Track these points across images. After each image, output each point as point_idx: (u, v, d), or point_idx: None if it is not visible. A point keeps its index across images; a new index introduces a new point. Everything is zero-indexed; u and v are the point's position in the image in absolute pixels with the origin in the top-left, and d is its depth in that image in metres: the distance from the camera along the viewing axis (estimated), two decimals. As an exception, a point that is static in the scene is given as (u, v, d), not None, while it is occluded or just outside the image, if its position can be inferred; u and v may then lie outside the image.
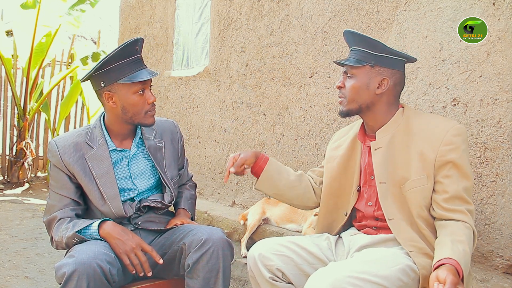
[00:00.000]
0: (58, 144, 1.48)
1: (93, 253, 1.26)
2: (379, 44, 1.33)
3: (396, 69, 1.35)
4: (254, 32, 2.99)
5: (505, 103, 1.79)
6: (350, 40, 1.41)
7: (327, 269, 1.18)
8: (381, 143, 1.35)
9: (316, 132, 2.61)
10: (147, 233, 1.56)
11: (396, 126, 1.35)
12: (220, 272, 1.38)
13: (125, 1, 4.39)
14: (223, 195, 3.28)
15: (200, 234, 1.41)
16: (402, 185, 1.30)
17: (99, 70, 1.42)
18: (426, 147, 1.28)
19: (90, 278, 1.21)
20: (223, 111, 3.26)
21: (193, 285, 1.38)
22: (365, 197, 1.42)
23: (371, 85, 1.34)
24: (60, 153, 1.46)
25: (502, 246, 1.80)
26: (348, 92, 1.37)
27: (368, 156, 1.40)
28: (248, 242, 2.58)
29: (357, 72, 1.35)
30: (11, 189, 5.10)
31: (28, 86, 5.29)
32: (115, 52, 1.40)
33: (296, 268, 1.35)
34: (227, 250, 1.42)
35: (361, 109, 1.37)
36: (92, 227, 1.39)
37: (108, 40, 9.89)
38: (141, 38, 1.49)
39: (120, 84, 1.43)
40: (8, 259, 2.64)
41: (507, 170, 1.79)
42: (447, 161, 1.25)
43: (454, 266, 1.10)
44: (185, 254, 1.41)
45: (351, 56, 1.38)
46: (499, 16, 1.80)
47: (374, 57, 1.33)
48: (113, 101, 1.46)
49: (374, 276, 1.13)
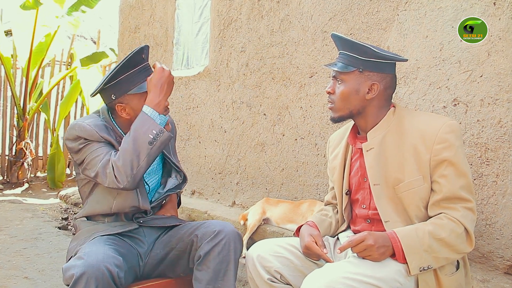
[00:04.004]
0: (91, 124, 1.42)
1: (102, 255, 1.25)
2: (368, 49, 1.30)
3: (386, 73, 1.33)
4: (254, 32, 2.99)
5: (506, 103, 1.79)
6: (338, 44, 1.39)
7: (322, 270, 1.18)
8: (372, 144, 1.33)
9: (316, 132, 2.61)
10: (151, 230, 1.56)
11: (387, 126, 1.33)
12: (231, 264, 1.40)
13: (125, 1, 4.38)
14: (223, 195, 3.27)
15: (213, 226, 1.44)
16: (396, 186, 1.28)
17: (108, 83, 1.41)
18: (419, 147, 1.26)
19: (98, 281, 1.20)
20: (223, 111, 3.26)
21: (202, 278, 1.39)
22: (360, 200, 1.40)
23: (360, 91, 1.32)
24: (97, 130, 1.41)
25: (502, 246, 1.80)
26: (338, 99, 1.35)
27: (360, 158, 1.39)
28: (248, 242, 2.57)
29: (346, 78, 1.33)
30: (10, 189, 5.09)
31: (27, 86, 5.29)
32: (122, 63, 1.39)
33: (294, 270, 1.35)
34: (238, 243, 1.44)
35: (352, 115, 1.36)
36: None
37: (108, 40, 9.89)
38: (147, 45, 1.48)
39: (131, 95, 1.43)
40: (8, 259, 2.63)
41: (508, 170, 1.79)
42: (442, 159, 1.23)
43: (388, 236, 1.17)
44: (196, 246, 1.43)
45: (339, 60, 1.36)
46: (499, 16, 1.80)
47: (362, 62, 1.30)
48: (126, 112, 1.45)
49: (369, 277, 1.13)
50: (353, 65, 1.32)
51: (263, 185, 2.95)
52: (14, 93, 5.30)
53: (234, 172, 3.17)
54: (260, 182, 2.97)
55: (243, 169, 3.09)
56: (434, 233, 1.18)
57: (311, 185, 2.63)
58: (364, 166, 1.36)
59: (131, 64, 1.41)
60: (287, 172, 2.79)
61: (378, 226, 1.34)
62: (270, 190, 2.90)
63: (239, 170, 3.13)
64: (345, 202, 1.44)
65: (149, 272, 1.52)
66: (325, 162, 2.55)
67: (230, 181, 3.21)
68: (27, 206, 4.24)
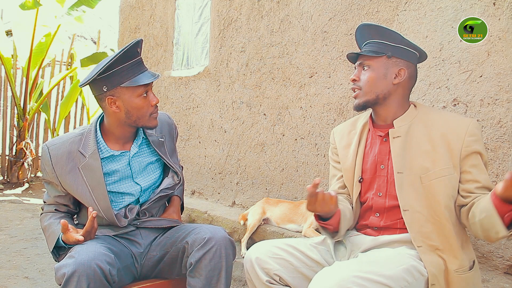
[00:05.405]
0: (51, 152, 1.45)
1: (93, 253, 1.26)
2: (397, 35, 1.34)
3: (411, 62, 1.36)
4: (254, 32, 2.99)
5: (506, 103, 1.79)
6: (364, 34, 1.41)
7: (333, 268, 1.17)
8: (399, 132, 1.34)
9: (316, 132, 2.61)
10: (148, 232, 1.56)
11: (412, 117, 1.35)
12: (223, 271, 1.38)
13: (125, 1, 4.38)
14: (223, 195, 3.27)
15: (203, 232, 1.41)
16: (422, 175, 1.28)
17: (101, 74, 1.38)
18: (450, 138, 1.28)
19: (90, 279, 1.20)
20: (223, 111, 3.26)
21: (195, 284, 1.38)
22: (375, 188, 1.39)
23: (388, 75, 1.34)
24: (53, 162, 1.45)
25: (502, 246, 1.80)
26: (365, 84, 1.36)
27: (380, 145, 1.39)
28: (248, 242, 2.57)
29: (374, 63, 1.35)
30: (11, 189, 5.09)
31: (28, 86, 5.29)
32: (118, 55, 1.38)
33: (294, 271, 1.34)
34: (230, 249, 1.42)
35: (378, 100, 1.36)
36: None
37: (108, 40, 9.89)
38: (141, 39, 1.47)
39: (124, 88, 1.41)
40: (8, 259, 2.63)
41: (508, 170, 1.79)
42: (473, 151, 1.26)
43: None
44: (188, 252, 1.41)
45: (367, 48, 1.38)
46: (499, 16, 1.80)
47: (391, 48, 1.34)
48: (116, 106, 1.43)
49: (379, 276, 1.12)
50: (381, 50, 1.35)
51: (263, 185, 2.95)
52: (14, 93, 5.30)
53: (234, 172, 3.17)
54: (260, 182, 2.97)
55: (243, 169, 3.10)
56: None
57: (311, 185, 2.63)
58: (383, 154, 1.37)
59: (127, 56, 1.40)
60: (287, 172, 2.79)
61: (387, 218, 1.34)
62: (270, 190, 2.90)
63: (239, 170, 3.13)
64: (357, 190, 1.43)
65: (147, 273, 1.52)
66: (325, 162, 2.55)
67: (230, 181, 3.21)
68: (27, 206, 4.24)
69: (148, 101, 1.45)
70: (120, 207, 1.51)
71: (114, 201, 1.50)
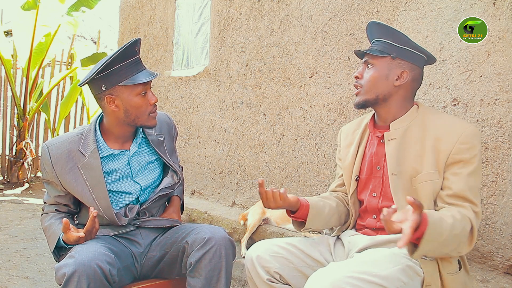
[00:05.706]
0: (51, 152, 1.46)
1: (93, 253, 1.26)
2: (404, 36, 1.34)
3: (416, 65, 1.36)
4: (254, 32, 2.99)
5: (506, 103, 1.79)
6: (373, 31, 1.41)
7: (327, 269, 1.18)
8: (395, 134, 1.35)
9: (316, 132, 2.61)
10: (148, 231, 1.56)
11: (411, 119, 1.35)
12: (223, 271, 1.39)
13: (125, 1, 4.39)
14: (223, 195, 3.27)
15: (203, 232, 1.42)
16: (413, 178, 1.29)
17: (100, 73, 1.39)
18: (441, 141, 1.27)
19: (90, 279, 1.21)
20: (223, 111, 3.26)
21: (194, 284, 1.38)
22: (370, 188, 1.40)
23: (390, 76, 1.34)
24: (53, 162, 1.45)
25: (502, 246, 1.80)
26: (366, 82, 1.37)
27: (377, 146, 1.40)
28: (248, 242, 2.57)
29: (378, 63, 1.35)
30: (11, 189, 5.09)
31: (28, 86, 5.29)
32: (117, 54, 1.38)
33: (294, 270, 1.35)
34: (230, 249, 1.42)
35: (378, 100, 1.37)
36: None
37: (108, 40, 9.90)
38: (139, 38, 1.48)
39: (122, 87, 1.42)
40: (8, 259, 2.63)
41: (508, 170, 1.79)
42: (459, 159, 1.24)
43: (423, 216, 1.07)
44: (188, 252, 1.41)
45: (373, 47, 1.39)
46: (499, 16, 1.80)
47: (396, 49, 1.34)
48: (115, 105, 1.44)
49: (373, 276, 1.12)
50: (386, 50, 1.35)
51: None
52: (14, 93, 5.30)
53: (234, 172, 3.17)
54: (260, 182, 2.97)
55: (243, 169, 3.10)
56: (452, 227, 1.15)
57: (311, 185, 2.63)
58: (380, 155, 1.38)
59: (126, 55, 1.41)
60: (287, 172, 2.79)
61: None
62: (270, 190, 2.90)
63: (239, 170, 3.13)
64: (353, 188, 1.44)
65: (147, 273, 1.52)
66: (325, 162, 2.55)
67: (230, 181, 3.21)
68: (27, 206, 4.24)
69: (147, 100, 1.46)
70: (120, 206, 1.52)
71: (114, 200, 1.50)
